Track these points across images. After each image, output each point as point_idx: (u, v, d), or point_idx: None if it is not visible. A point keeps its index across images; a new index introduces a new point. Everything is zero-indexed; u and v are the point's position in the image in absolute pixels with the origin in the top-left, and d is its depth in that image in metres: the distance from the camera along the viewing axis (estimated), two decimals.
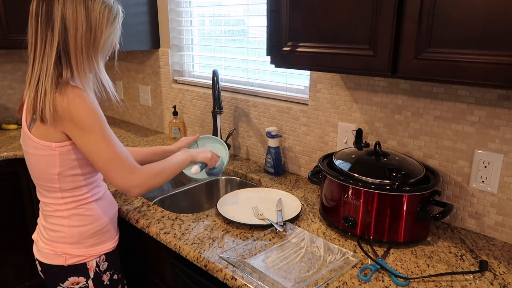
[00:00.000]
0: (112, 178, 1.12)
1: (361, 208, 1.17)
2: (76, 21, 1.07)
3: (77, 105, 1.06)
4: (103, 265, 1.26)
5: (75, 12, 1.06)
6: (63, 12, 1.06)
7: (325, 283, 1.01)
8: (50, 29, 1.06)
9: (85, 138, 1.08)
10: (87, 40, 1.09)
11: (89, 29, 1.09)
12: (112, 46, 1.18)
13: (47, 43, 1.07)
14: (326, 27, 1.14)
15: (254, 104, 1.85)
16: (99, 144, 1.09)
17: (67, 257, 1.20)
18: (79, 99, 1.06)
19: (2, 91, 2.55)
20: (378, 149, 1.25)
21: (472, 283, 1.02)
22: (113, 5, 1.14)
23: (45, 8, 1.06)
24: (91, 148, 1.09)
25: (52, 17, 1.06)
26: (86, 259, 1.22)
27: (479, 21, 0.87)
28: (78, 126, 1.07)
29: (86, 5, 1.08)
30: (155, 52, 2.29)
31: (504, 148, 1.18)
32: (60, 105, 1.05)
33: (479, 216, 1.26)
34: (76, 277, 1.22)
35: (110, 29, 1.13)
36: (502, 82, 0.87)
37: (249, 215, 1.35)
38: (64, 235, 1.20)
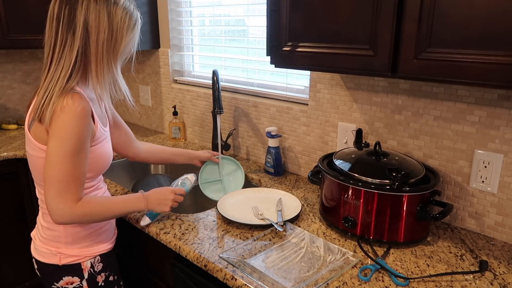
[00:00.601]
0: (47, 194, 1.08)
1: (361, 208, 1.17)
2: (98, 25, 1.08)
3: (68, 113, 1.05)
4: (98, 266, 1.26)
5: (98, 16, 1.07)
6: (86, 16, 1.07)
7: (325, 283, 1.01)
8: (71, 32, 1.07)
9: (51, 144, 1.06)
10: (108, 45, 1.10)
11: (110, 34, 1.10)
12: (130, 52, 1.20)
13: (66, 46, 1.08)
14: (326, 27, 1.14)
15: (254, 104, 1.85)
16: (58, 157, 1.05)
17: (61, 256, 1.21)
18: (74, 109, 1.05)
19: (2, 91, 2.55)
20: (378, 149, 1.25)
21: (472, 283, 1.02)
22: (134, 11, 1.16)
23: (67, 11, 1.07)
24: (48, 155, 1.07)
25: (75, 20, 1.07)
26: (81, 260, 1.22)
27: (479, 21, 0.87)
28: (55, 131, 1.06)
29: (109, 10, 1.09)
30: (155, 52, 2.29)
31: (504, 148, 1.18)
32: (58, 105, 1.05)
33: (479, 216, 1.26)
34: (70, 276, 1.22)
35: (130, 35, 1.15)
36: (502, 82, 0.87)
37: (249, 215, 1.35)
38: (59, 234, 1.20)
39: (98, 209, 1.16)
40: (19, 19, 2.16)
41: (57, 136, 1.05)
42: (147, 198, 1.25)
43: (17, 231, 2.13)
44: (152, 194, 1.27)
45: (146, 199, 1.25)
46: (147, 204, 1.24)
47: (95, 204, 1.15)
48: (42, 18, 2.35)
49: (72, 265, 1.22)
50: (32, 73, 2.66)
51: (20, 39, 2.19)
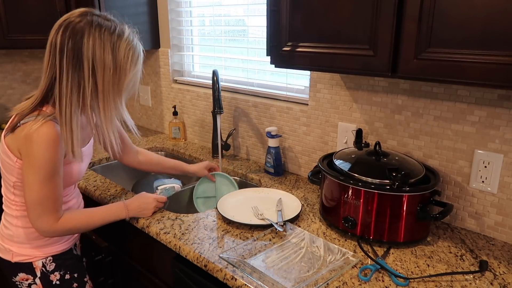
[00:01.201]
0: (29, 215, 1.14)
1: (361, 208, 1.17)
2: (104, 63, 1.08)
3: (40, 142, 1.06)
4: (50, 266, 1.26)
5: (103, 54, 1.07)
6: (93, 54, 1.07)
7: (325, 283, 1.01)
8: (76, 67, 1.07)
9: (27, 172, 1.10)
10: (114, 81, 1.11)
11: (115, 71, 1.10)
12: (134, 87, 1.19)
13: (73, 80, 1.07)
14: (326, 27, 1.14)
15: (254, 104, 1.85)
16: (35, 184, 1.09)
17: (13, 254, 1.24)
18: (46, 137, 1.06)
19: (2, 91, 2.55)
20: (378, 149, 1.25)
21: (472, 283, 1.02)
22: (137, 45, 1.15)
23: (72, 46, 1.06)
24: (26, 182, 1.11)
25: (81, 56, 1.06)
26: (31, 259, 1.24)
27: (479, 21, 0.87)
28: (29, 159, 1.09)
29: (113, 45, 1.09)
30: (155, 52, 2.29)
31: (504, 148, 1.18)
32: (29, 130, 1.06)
33: (479, 216, 1.26)
34: (24, 273, 1.25)
35: (133, 71, 1.15)
36: (502, 82, 0.87)
37: (249, 215, 1.35)
38: (11, 233, 1.23)
39: (80, 223, 1.22)
40: (19, 19, 2.16)
41: (32, 164, 1.09)
42: (128, 206, 1.31)
43: None
44: (135, 202, 1.33)
45: (127, 207, 1.31)
46: (128, 212, 1.31)
47: (76, 219, 1.21)
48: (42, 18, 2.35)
49: (24, 263, 1.24)
50: (32, 73, 2.66)
51: (20, 39, 2.19)
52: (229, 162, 1.89)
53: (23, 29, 2.18)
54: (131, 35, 1.14)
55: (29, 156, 1.08)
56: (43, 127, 1.06)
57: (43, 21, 2.20)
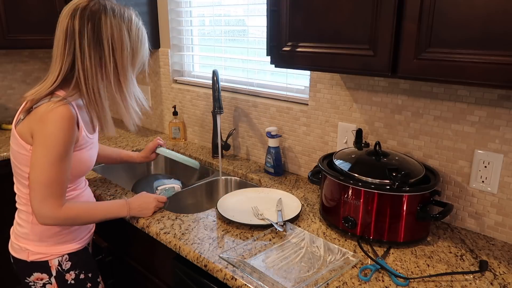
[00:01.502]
0: (32, 198, 1.13)
1: (361, 208, 1.17)
2: (122, 42, 1.16)
3: (55, 121, 1.08)
4: (66, 265, 1.26)
5: (120, 34, 1.16)
6: (112, 34, 1.14)
7: (325, 283, 1.01)
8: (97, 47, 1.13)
9: (38, 151, 1.10)
10: (129, 59, 1.19)
11: (131, 50, 1.19)
12: (143, 63, 1.28)
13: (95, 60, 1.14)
14: (326, 27, 1.14)
15: (254, 104, 1.85)
16: (43, 164, 1.09)
17: (29, 253, 1.23)
18: (61, 117, 1.09)
19: (2, 91, 2.55)
20: (378, 149, 1.25)
21: (472, 283, 1.02)
22: (142, 25, 1.25)
23: (91, 28, 1.12)
24: (35, 162, 1.10)
25: (101, 37, 1.13)
26: (48, 257, 1.24)
27: (479, 21, 0.87)
28: (41, 138, 1.09)
29: (127, 28, 1.17)
30: (155, 52, 2.29)
31: (504, 148, 1.18)
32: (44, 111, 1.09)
33: (479, 216, 1.26)
34: (39, 273, 1.24)
35: (144, 48, 1.24)
36: (502, 82, 0.87)
37: (249, 215, 1.35)
38: (27, 231, 1.23)
39: (81, 214, 1.21)
40: (19, 19, 2.16)
41: (43, 143, 1.09)
42: (130, 204, 1.32)
43: None
44: (136, 201, 1.35)
45: (128, 205, 1.32)
46: (129, 210, 1.32)
47: (78, 210, 1.21)
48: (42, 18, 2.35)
49: (40, 262, 1.24)
50: (32, 73, 2.66)
51: (20, 39, 2.19)
52: (229, 162, 1.89)
53: (23, 29, 2.18)
54: (136, 17, 1.23)
55: (42, 135, 1.09)
56: (59, 108, 1.09)
57: (43, 21, 2.21)
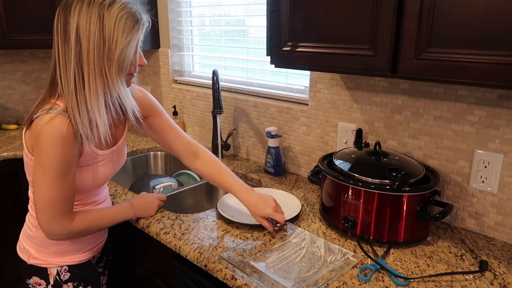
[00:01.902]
0: (39, 219, 1.08)
1: (361, 208, 1.17)
2: (89, 30, 0.99)
3: (48, 139, 1.00)
4: (65, 275, 1.22)
5: (89, 22, 0.99)
6: (78, 22, 0.99)
7: (325, 283, 1.01)
8: (66, 40, 1.01)
9: (36, 170, 1.04)
10: (100, 51, 1.00)
11: (102, 39, 1.00)
12: (130, 59, 1.06)
13: (64, 54, 1.01)
14: (326, 27, 1.14)
15: (254, 104, 1.85)
16: (43, 184, 1.04)
17: (30, 256, 1.22)
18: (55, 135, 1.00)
19: (2, 91, 2.55)
20: (378, 149, 1.25)
21: (472, 283, 1.02)
22: (134, 13, 1.04)
23: (62, 19, 1.01)
24: (35, 181, 1.05)
25: (68, 27, 1.00)
26: (46, 265, 1.21)
27: (479, 21, 0.87)
28: (38, 156, 1.03)
29: (101, 13, 0.99)
30: (155, 52, 2.29)
31: (504, 148, 1.18)
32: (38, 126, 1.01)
33: (479, 216, 1.26)
34: (38, 278, 1.22)
35: (127, 39, 1.02)
36: (502, 82, 0.87)
37: (249, 215, 1.35)
38: (32, 234, 1.21)
39: (91, 224, 1.18)
40: (19, 19, 2.16)
41: (40, 161, 1.03)
42: (135, 206, 1.32)
43: (17, 231, 2.13)
44: (139, 202, 1.34)
45: (134, 207, 1.31)
46: (135, 212, 1.32)
47: (88, 220, 1.16)
48: (42, 18, 2.35)
49: (39, 267, 1.21)
50: (32, 73, 2.66)
51: (20, 39, 2.19)
52: (229, 162, 1.89)
53: (23, 29, 2.18)
54: (128, 4, 1.04)
55: (38, 152, 1.02)
56: (52, 121, 1.00)
57: (43, 21, 2.21)
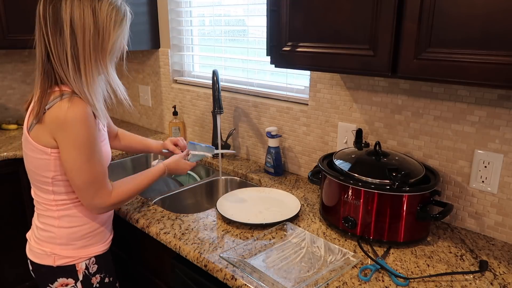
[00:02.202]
0: (82, 197, 1.14)
1: (361, 208, 1.17)
2: (83, 23, 1.05)
3: (76, 120, 1.06)
4: (93, 268, 1.24)
5: (83, 14, 1.05)
6: (71, 15, 1.04)
7: (325, 283, 1.01)
8: (58, 32, 1.05)
9: (71, 155, 1.08)
10: (95, 43, 1.08)
11: (96, 32, 1.08)
12: (120, 49, 1.17)
13: (57, 47, 1.06)
14: (326, 27, 1.14)
15: (254, 104, 1.85)
16: (82, 165, 1.09)
17: (56, 257, 1.20)
18: (80, 115, 1.06)
19: (2, 91, 2.55)
20: (378, 149, 1.25)
21: (472, 283, 1.02)
22: (121, 6, 1.13)
23: (52, 11, 1.05)
24: (73, 166, 1.09)
25: (60, 19, 1.05)
26: (75, 261, 1.21)
27: (479, 21, 0.87)
28: (70, 141, 1.07)
29: (93, 7, 1.06)
30: (155, 52, 2.29)
31: (504, 148, 1.18)
32: (60, 113, 1.05)
33: (479, 216, 1.26)
34: (65, 278, 1.21)
35: (118, 31, 1.12)
36: (502, 82, 0.87)
37: (249, 214, 1.35)
38: (53, 235, 1.19)
39: (130, 190, 1.24)
40: (19, 19, 2.16)
41: (73, 145, 1.07)
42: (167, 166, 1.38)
43: (17, 231, 2.13)
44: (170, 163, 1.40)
45: (166, 167, 1.38)
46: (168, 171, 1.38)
47: (126, 188, 1.23)
48: None
49: (67, 266, 1.20)
50: (32, 73, 2.66)
51: (20, 39, 2.18)
52: (229, 162, 1.89)
53: (23, 29, 2.18)
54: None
55: (68, 138, 1.07)
56: (73, 104, 1.06)
57: None
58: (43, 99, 1.08)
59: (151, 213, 1.39)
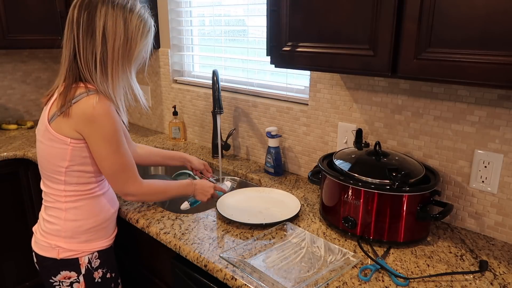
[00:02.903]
0: (114, 184, 1.23)
1: (361, 208, 1.17)
2: (115, 32, 1.15)
3: (104, 115, 1.14)
4: (95, 262, 1.27)
5: (115, 23, 1.14)
6: (104, 23, 1.14)
7: (325, 283, 1.01)
8: (89, 36, 1.14)
9: (101, 147, 1.16)
10: (123, 51, 1.17)
11: (126, 41, 1.17)
12: (144, 57, 1.27)
13: (87, 49, 1.14)
14: (326, 27, 1.14)
15: (254, 104, 1.85)
16: (112, 156, 1.18)
17: (60, 250, 1.23)
18: (107, 110, 1.14)
19: (2, 91, 2.55)
20: (378, 149, 1.25)
21: (472, 283, 1.02)
22: (148, 19, 1.23)
23: (86, 16, 1.13)
24: (103, 157, 1.18)
25: (94, 26, 1.13)
26: (79, 255, 1.24)
27: (479, 21, 0.87)
28: (98, 134, 1.15)
29: (125, 17, 1.16)
30: (155, 52, 2.29)
31: (504, 148, 1.18)
32: (87, 108, 1.12)
33: (479, 216, 1.26)
34: (68, 271, 1.24)
35: (144, 42, 1.22)
36: (502, 82, 0.87)
37: (249, 214, 1.35)
38: (59, 228, 1.23)
39: (159, 189, 1.33)
40: (19, 19, 2.16)
41: (102, 139, 1.15)
42: (195, 185, 1.41)
43: (17, 231, 2.13)
44: (200, 184, 1.43)
45: (194, 186, 1.41)
46: (194, 191, 1.41)
47: (156, 185, 1.32)
48: (42, 18, 2.35)
49: (70, 259, 1.24)
50: (32, 73, 2.66)
51: (20, 39, 2.19)
52: (229, 162, 1.89)
53: (23, 29, 2.18)
54: (142, 10, 1.22)
55: (97, 131, 1.14)
56: (99, 101, 1.13)
57: (43, 21, 2.21)
58: (68, 93, 1.14)
59: (151, 213, 1.39)
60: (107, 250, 1.32)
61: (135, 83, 1.28)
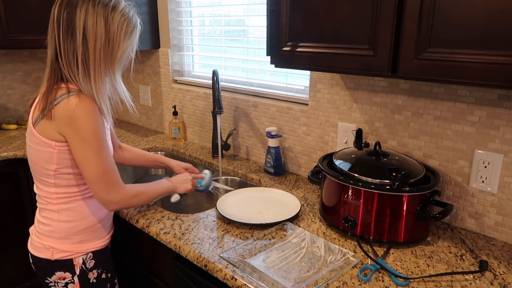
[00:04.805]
0: (94, 191, 1.17)
1: (361, 208, 1.17)
2: (96, 32, 1.10)
3: (84, 116, 1.10)
4: (90, 263, 1.27)
5: (95, 23, 1.10)
6: (85, 23, 1.09)
7: (325, 283, 1.01)
8: (70, 36, 1.10)
9: (81, 149, 1.12)
10: (105, 51, 1.13)
11: (107, 41, 1.12)
12: (128, 58, 1.22)
13: (68, 49, 1.11)
14: (326, 27, 1.14)
15: (254, 104, 1.85)
16: (93, 158, 1.12)
17: (54, 251, 1.22)
18: (87, 111, 1.10)
19: (2, 91, 2.55)
20: (378, 149, 1.25)
21: (472, 283, 1.02)
22: (132, 17, 1.18)
23: (66, 16, 1.09)
24: (83, 160, 1.13)
25: (73, 25, 1.09)
26: (73, 255, 1.24)
27: (479, 21, 0.87)
28: (79, 135, 1.11)
29: (106, 16, 1.11)
30: (155, 52, 2.29)
31: (504, 148, 1.18)
32: (68, 109, 1.09)
33: (479, 216, 1.26)
34: (62, 272, 1.24)
35: (127, 42, 1.17)
36: (502, 82, 0.87)
37: (249, 214, 1.35)
38: (52, 229, 1.22)
39: (140, 189, 1.27)
40: (19, 19, 2.16)
41: (82, 140, 1.11)
42: (171, 180, 1.39)
43: (17, 231, 2.13)
44: (176, 177, 1.41)
45: (171, 181, 1.38)
46: (174, 185, 1.38)
47: (137, 190, 1.25)
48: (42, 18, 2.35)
49: (64, 260, 1.23)
50: (32, 73, 2.66)
51: (20, 39, 2.19)
52: (229, 162, 1.89)
53: (23, 29, 2.18)
54: (126, 8, 1.16)
55: (77, 133, 1.10)
56: (80, 102, 1.10)
57: (43, 21, 2.18)
58: (49, 95, 1.11)
59: (151, 213, 1.39)
60: (102, 251, 1.30)
61: (120, 84, 1.23)
